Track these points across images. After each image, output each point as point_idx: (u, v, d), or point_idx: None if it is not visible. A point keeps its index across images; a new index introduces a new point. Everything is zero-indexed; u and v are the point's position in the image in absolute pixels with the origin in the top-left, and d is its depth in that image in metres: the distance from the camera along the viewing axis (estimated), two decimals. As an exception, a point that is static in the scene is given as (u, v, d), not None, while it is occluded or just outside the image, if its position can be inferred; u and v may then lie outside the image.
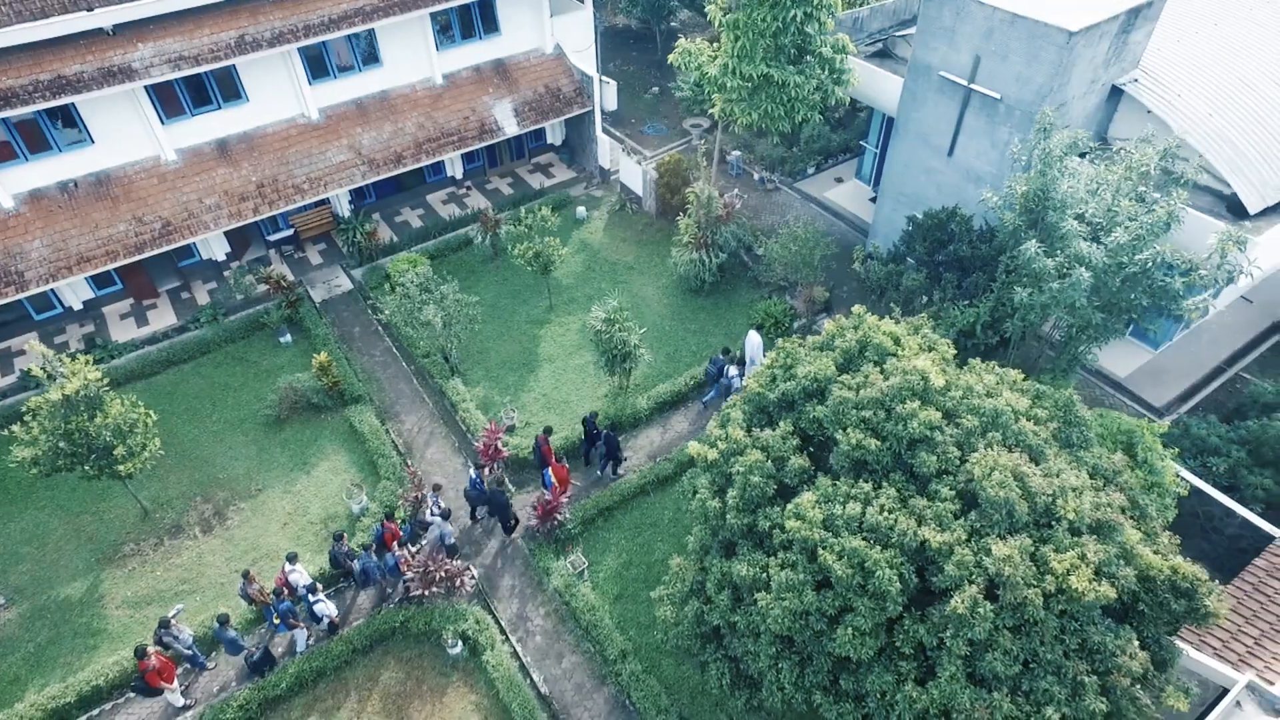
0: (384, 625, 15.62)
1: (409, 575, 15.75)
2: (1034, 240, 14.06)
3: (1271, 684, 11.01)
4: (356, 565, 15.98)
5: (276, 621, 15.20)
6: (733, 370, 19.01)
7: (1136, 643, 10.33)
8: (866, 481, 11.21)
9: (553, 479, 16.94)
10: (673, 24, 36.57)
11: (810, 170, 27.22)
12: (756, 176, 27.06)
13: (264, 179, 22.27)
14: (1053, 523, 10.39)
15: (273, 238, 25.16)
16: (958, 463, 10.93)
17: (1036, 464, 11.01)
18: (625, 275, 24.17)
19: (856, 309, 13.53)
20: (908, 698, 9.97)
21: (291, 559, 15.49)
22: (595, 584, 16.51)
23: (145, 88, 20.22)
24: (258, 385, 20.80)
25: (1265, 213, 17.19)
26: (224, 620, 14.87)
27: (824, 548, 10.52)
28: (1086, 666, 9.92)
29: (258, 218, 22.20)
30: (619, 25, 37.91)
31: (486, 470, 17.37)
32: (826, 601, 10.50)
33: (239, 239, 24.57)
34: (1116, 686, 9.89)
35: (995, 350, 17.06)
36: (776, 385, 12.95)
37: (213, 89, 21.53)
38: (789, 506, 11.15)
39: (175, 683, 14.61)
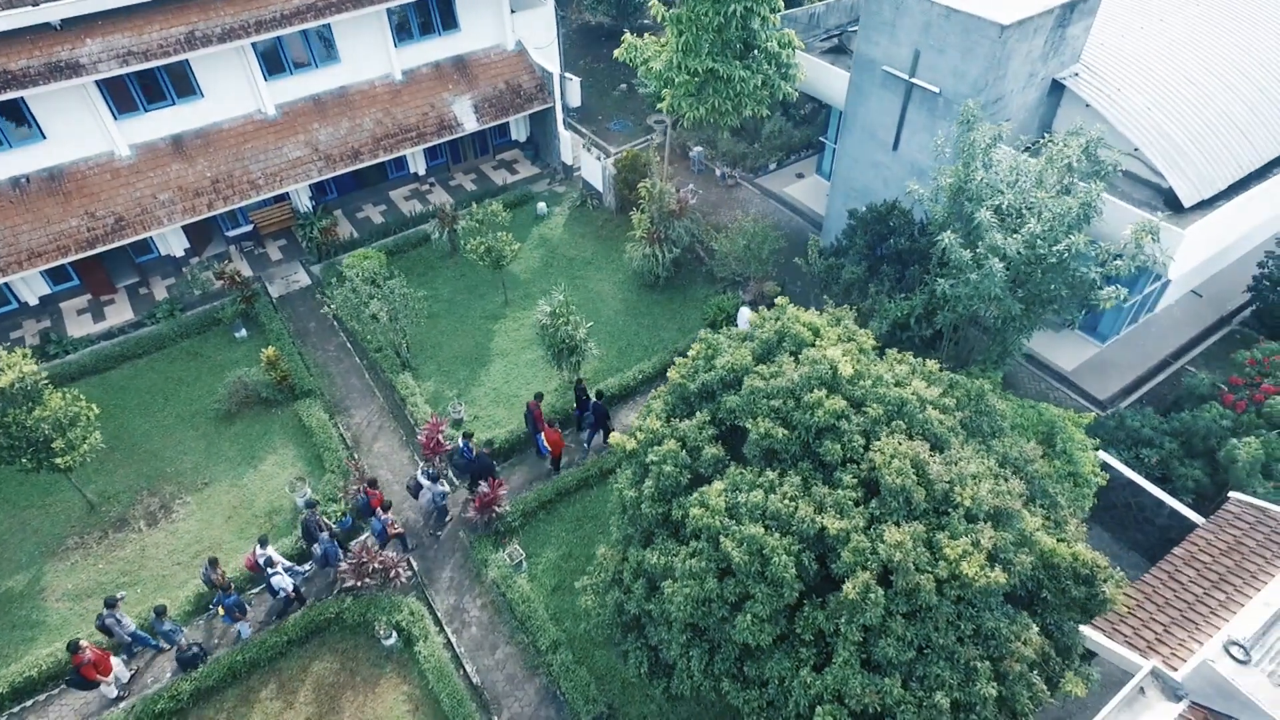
0: (319, 616, 15.69)
1: (344, 566, 15.83)
2: (949, 232, 14.15)
3: (1175, 670, 11.09)
4: (317, 549, 16.11)
5: (221, 612, 15.27)
6: None
7: (1035, 629, 10.44)
8: (775, 470, 11.30)
9: (546, 444, 17.60)
10: (644, 21, 36.59)
11: (772, 166, 27.29)
12: (718, 172, 27.11)
13: (219, 175, 22.32)
14: (950, 510, 10.47)
15: (232, 233, 25.24)
16: (862, 451, 11.02)
17: (940, 452, 11.09)
18: (582, 270, 24.25)
19: (780, 300, 13.64)
20: (803, 683, 10.06)
21: (263, 542, 15.71)
22: (533, 576, 16.60)
23: (96, 83, 20.27)
24: (210, 380, 20.86)
25: (1201, 206, 17.29)
26: (160, 611, 14.99)
27: (726, 535, 10.61)
28: (980, 652, 10.00)
29: (212, 213, 22.25)
30: (590, 23, 37.95)
31: (474, 438, 17.90)
32: (728, 589, 10.59)
33: (198, 235, 24.62)
34: (1009, 672, 9.98)
35: (933, 341, 17.15)
36: (698, 376, 13.04)
37: (166, 85, 21.57)
38: (694, 495, 11.24)
39: (111, 675, 14.66)
